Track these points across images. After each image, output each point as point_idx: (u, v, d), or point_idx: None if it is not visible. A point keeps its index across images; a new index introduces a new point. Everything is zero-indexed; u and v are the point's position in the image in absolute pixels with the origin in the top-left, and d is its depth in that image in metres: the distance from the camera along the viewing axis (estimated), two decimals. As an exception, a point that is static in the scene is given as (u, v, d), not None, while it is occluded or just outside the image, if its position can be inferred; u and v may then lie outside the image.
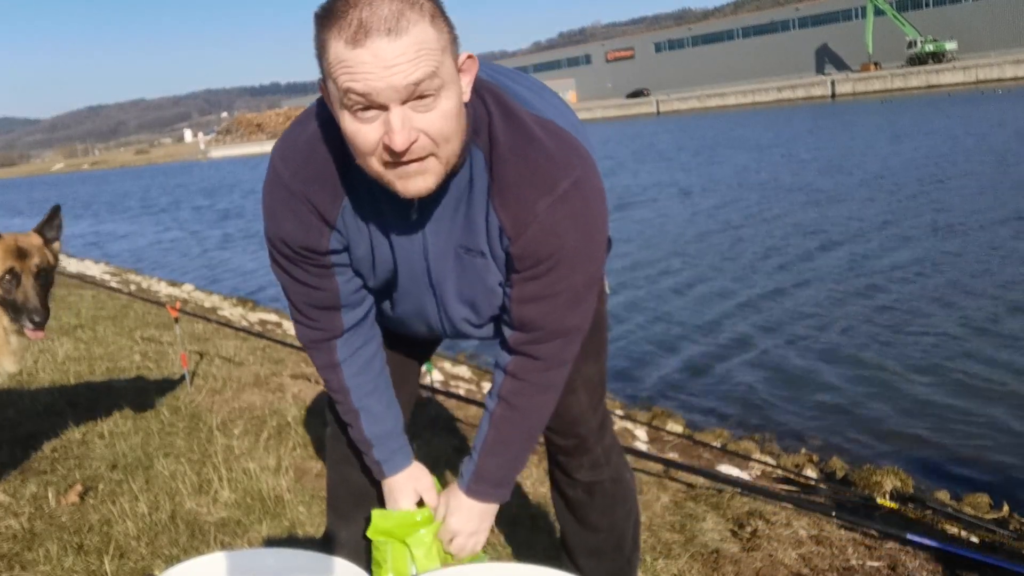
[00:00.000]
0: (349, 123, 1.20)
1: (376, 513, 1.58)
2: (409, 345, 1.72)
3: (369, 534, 1.58)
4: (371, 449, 1.59)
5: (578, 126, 1.44)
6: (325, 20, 1.17)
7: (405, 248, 1.40)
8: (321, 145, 1.35)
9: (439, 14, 1.19)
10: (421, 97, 1.16)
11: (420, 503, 1.61)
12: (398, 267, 1.43)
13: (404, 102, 1.16)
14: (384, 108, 1.16)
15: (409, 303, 1.51)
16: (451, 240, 1.38)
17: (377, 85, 1.14)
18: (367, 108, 1.17)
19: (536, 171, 1.30)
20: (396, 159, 1.20)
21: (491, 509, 1.56)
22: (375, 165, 1.23)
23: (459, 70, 1.23)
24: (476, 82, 1.29)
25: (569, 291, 1.37)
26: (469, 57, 1.25)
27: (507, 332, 1.45)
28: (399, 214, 1.36)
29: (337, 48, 1.15)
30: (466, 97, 1.26)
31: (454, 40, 1.21)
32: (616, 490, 1.77)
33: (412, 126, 1.17)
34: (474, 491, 1.53)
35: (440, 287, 1.45)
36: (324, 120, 1.35)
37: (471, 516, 1.54)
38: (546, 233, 1.31)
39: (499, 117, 1.31)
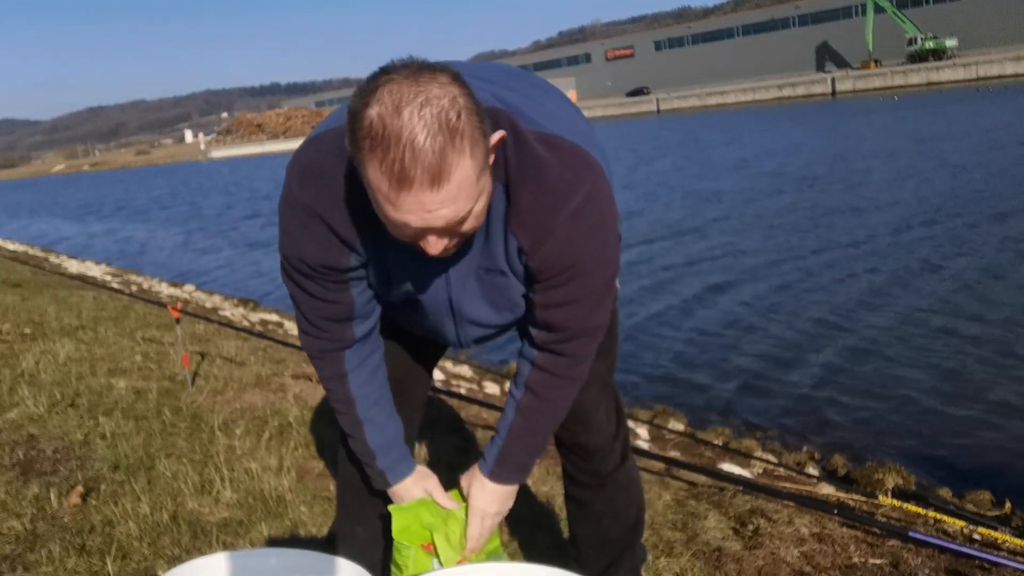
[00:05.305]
0: (384, 213, 1.19)
1: (393, 509, 1.58)
2: (419, 348, 1.73)
3: (394, 535, 1.57)
4: (374, 459, 1.60)
5: (583, 129, 1.45)
6: (364, 139, 1.12)
7: (425, 280, 1.43)
8: (340, 173, 1.32)
9: (476, 130, 1.14)
10: (459, 221, 1.19)
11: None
12: (419, 296, 1.46)
13: (442, 233, 1.20)
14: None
15: (425, 319, 1.54)
16: (471, 264, 1.40)
17: (417, 225, 1.16)
18: None
19: (548, 191, 1.31)
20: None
21: (512, 490, 1.60)
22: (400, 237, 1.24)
23: (491, 157, 1.22)
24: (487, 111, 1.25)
25: (591, 294, 1.41)
26: (500, 138, 1.23)
27: (533, 331, 1.48)
28: (419, 252, 1.36)
29: (377, 179, 1.13)
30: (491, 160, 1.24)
31: (488, 147, 1.18)
32: (627, 479, 1.83)
33: (447, 239, 1.21)
34: (497, 475, 1.57)
35: (460, 310, 1.48)
36: (343, 150, 1.32)
37: (495, 498, 1.58)
38: (563, 246, 1.33)
39: (510, 143, 1.30)
